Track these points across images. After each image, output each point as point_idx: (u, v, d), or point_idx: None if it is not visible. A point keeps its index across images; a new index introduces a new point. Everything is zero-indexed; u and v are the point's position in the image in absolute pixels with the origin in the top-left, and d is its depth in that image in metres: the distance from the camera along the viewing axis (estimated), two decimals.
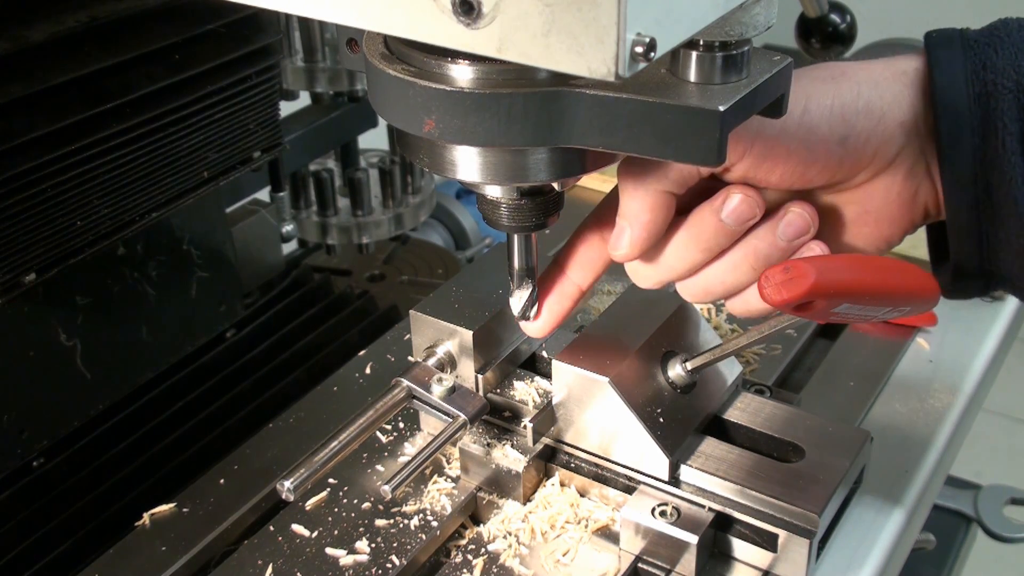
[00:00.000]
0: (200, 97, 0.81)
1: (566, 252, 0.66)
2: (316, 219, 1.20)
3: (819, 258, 0.58)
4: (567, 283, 0.65)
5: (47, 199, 0.72)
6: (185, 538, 0.72)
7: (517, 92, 0.53)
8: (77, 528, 0.80)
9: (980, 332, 0.91)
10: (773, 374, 0.85)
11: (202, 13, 0.81)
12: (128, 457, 0.86)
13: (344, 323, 1.05)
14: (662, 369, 0.70)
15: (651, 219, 0.59)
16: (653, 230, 0.59)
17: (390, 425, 0.79)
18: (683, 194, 0.60)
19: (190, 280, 0.91)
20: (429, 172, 1.21)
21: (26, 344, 0.78)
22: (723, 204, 0.59)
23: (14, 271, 0.72)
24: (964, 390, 0.85)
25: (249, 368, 0.97)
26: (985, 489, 1.46)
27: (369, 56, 0.57)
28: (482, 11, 0.45)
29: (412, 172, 1.22)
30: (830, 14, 1.01)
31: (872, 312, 0.60)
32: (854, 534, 0.72)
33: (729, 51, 0.54)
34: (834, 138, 0.59)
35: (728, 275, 0.61)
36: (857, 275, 0.57)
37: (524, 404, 0.73)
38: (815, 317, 0.59)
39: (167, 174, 0.81)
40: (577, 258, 0.65)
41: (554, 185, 0.63)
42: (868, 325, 0.91)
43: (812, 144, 0.59)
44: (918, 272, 0.61)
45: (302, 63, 1.11)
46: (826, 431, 0.71)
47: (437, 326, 0.74)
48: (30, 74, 0.70)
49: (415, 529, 0.70)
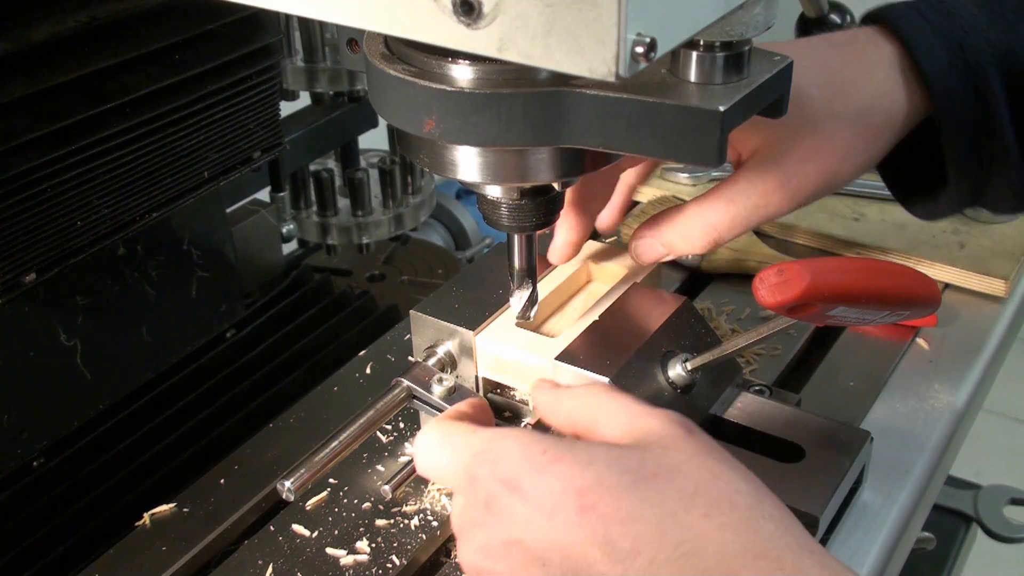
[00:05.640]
0: (200, 97, 0.81)
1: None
2: (316, 219, 1.20)
3: (814, 261, 0.58)
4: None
5: (47, 199, 0.72)
6: (185, 538, 0.72)
7: (517, 92, 0.53)
8: (77, 528, 0.80)
9: (980, 332, 0.91)
10: (773, 374, 0.85)
11: (202, 13, 0.81)
12: (128, 457, 0.86)
13: (344, 323, 1.05)
14: (662, 369, 0.70)
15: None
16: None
17: (390, 425, 0.79)
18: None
19: (190, 280, 0.91)
20: (429, 172, 1.21)
21: (26, 344, 0.78)
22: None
23: (14, 271, 0.72)
24: (964, 390, 0.85)
25: (249, 368, 0.97)
26: (985, 489, 1.46)
27: (369, 56, 0.57)
28: (482, 11, 0.45)
29: (412, 172, 1.22)
30: (830, 14, 1.01)
31: (870, 316, 0.61)
32: (854, 534, 0.72)
33: (729, 51, 0.54)
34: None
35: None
36: (852, 278, 0.57)
37: (524, 404, 0.73)
38: (812, 320, 0.59)
39: (167, 174, 0.81)
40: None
41: (554, 185, 0.63)
42: (868, 326, 0.91)
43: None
44: (917, 276, 0.61)
45: (302, 63, 1.11)
46: (826, 431, 0.71)
47: (437, 326, 0.74)
48: (30, 74, 0.70)
49: (415, 529, 0.71)
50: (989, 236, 0.99)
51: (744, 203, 0.67)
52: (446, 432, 0.58)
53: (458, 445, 0.57)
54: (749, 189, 0.67)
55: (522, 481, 0.52)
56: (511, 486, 0.52)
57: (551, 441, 0.54)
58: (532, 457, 0.53)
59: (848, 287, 0.56)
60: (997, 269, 0.95)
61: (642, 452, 0.53)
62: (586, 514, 0.50)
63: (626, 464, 0.52)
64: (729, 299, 0.93)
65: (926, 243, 0.99)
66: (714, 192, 0.68)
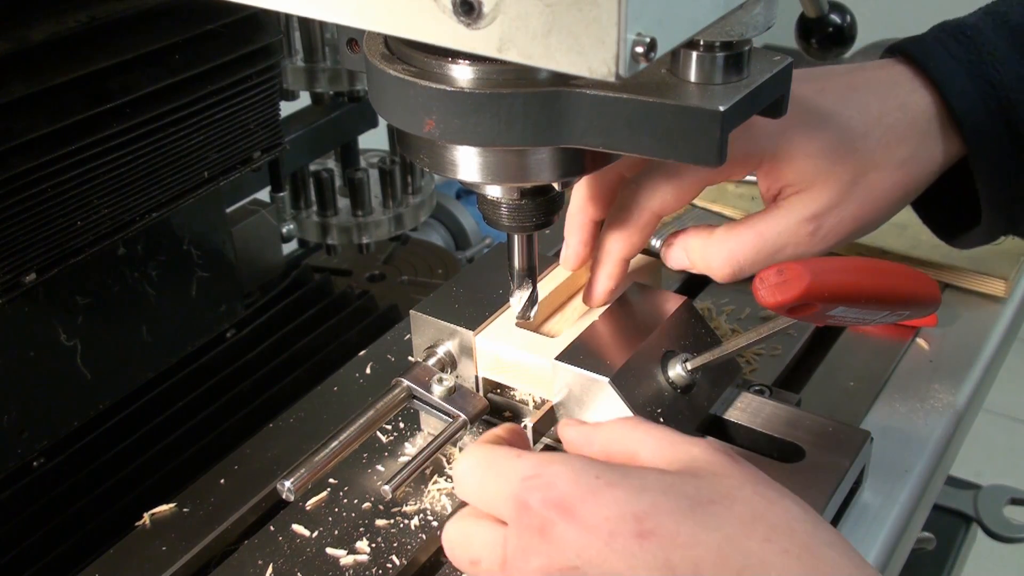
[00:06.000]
0: (200, 97, 0.81)
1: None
2: (316, 219, 1.20)
3: (815, 260, 0.58)
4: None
5: (47, 199, 0.72)
6: (185, 538, 0.72)
7: (517, 92, 0.53)
8: (77, 528, 0.80)
9: (980, 332, 0.91)
10: (773, 374, 0.85)
11: (202, 13, 0.81)
12: (128, 457, 0.86)
13: (344, 323, 1.05)
14: (662, 369, 0.70)
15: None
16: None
17: (390, 425, 0.79)
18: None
19: (190, 280, 0.91)
20: (429, 172, 1.21)
21: (26, 344, 0.78)
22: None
23: (14, 271, 0.72)
24: (964, 390, 0.85)
25: (249, 368, 0.97)
26: (985, 489, 1.46)
27: (370, 56, 0.57)
28: (482, 11, 0.45)
29: (412, 172, 1.22)
30: (830, 14, 1.01)
31: (870, 316, 0.60)
32: (854, 534, 0.71)
33: (729, 51, 0.54)
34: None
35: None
36: (853, 278, 0.57)
37: (524, 404, 0.73)
38: (812, 320, 0.59)
39: (167, 174, 0.81)
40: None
41: (554, 185, 0.63)
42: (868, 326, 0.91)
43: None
44: (917, 275, 0.61)
45: (302, 63, 1.11)
46: (826, 431, 0.71)
47: (437, 326, 0.74)
48: (30, 74, 0.70)
49: (415, 529, 0.71)
50: None
51: (772, 241, 0.68)
52: (489, 457, 0.56)
53: (505, 470, 0.55)
54: (779, 228, 0.68)
55: (577, 506, 0.51)
56: (565, 512, 0.51)
57: (603, 466, 0.53)
58: (586, 482, 0.52)
59: (848, 287, 0.56)
60: (997, 269, 0.95)
61: (695, 478, 0.52)
62: (645, 539, 0.49)
63: (681, 490, 0.51)
64: (729, 299, 0.93)
65: (926, 243, 0.99)
66: (744, 223, 0.69)
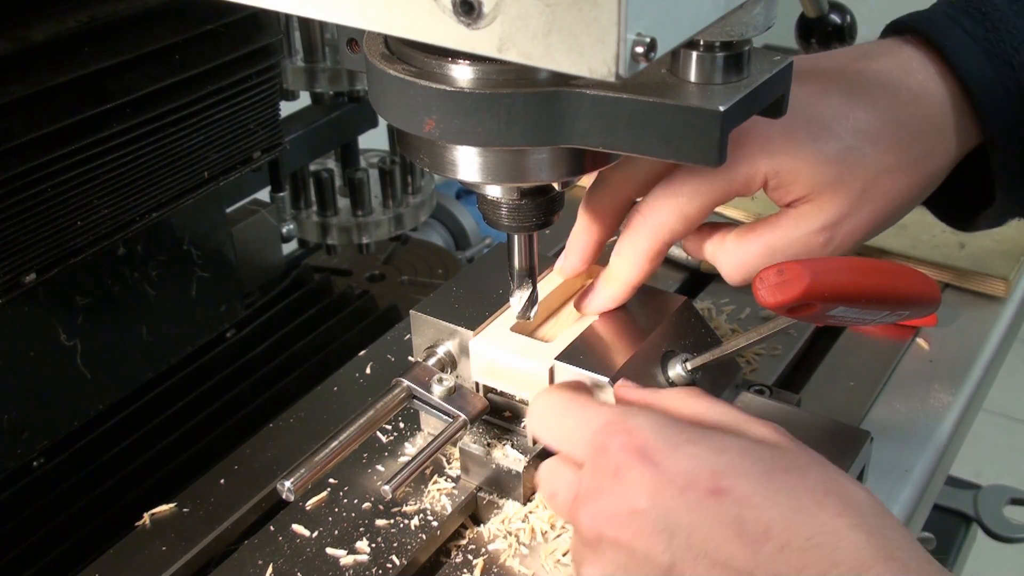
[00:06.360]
0: (200, 97, 0.81)
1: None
2: (316, 219, 1.20)
3: (814, 260, 0.58)
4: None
5: (47, 199, 0.72)
6: (185, 538, 0.72)
7: (517, 92, 0.53)
8: (77, 528, 0.80)
9: (980, 332, 0.91)
10: (773, 374, 0.85)
11: (202, 13, 0.81)
12: (128, 457, 0.86)
13: (344, 323, 1.05)
14: (662, 369, 0.70)
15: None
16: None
17: (390, 425, 0.79)
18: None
19: (190, 280, 0.91)
20: (429, 172, 1.21)
21: (26, 344, 0.78)
22: None
23: (14, 271, 0.72)
24: (964, 390, 0.85)
25: (249, 368, 0.97)
26: (985, 489, 1.46)
27: (370, 56, 0.57)
28: (482, 11, 0.45)
29: (412, 172, 1.22)
30: (830, 14, 1.01)
31: (870, 315, 0.60)
32: None
33: (729, 51, 0.54)
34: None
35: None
36: (853, 278, 0.57)
37: (524, 404, 0.73)
38: (812, 320, 0.59)
39: (167, 174, 0.81)
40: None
41: (554, 185, 0.63)
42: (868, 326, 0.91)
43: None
44: (917, 275, 0.61)
45: (302, 63, 1.11)
46: (826, 431, 0.71)
47: (437, 326, 0.74)
48: (30, 74, 0.70)
49: (415, 529, 0.70)
50: (989, 236, 0.99)
51: (783, 252, 0.67)
52: (572, 400, 0.59)
53: (589, 414, 0.57)
54: (789, 239, 0.67)
55: (656, 455, 0.53)
56: (644, 458, 0.53)
57: (684, 424, 0.55)
58: (668, 434, 0.54)
59: (848, 287, 0.56)
60: (997, 269, 0.95)
61: (772, 448, 0.54)
62: (720, 496, 0.51)
63: (759, 455, 0.53)
64: (729, 299, 0.93)
65: (926, 243, 0.99)
66: (755, 231, 0.68)
